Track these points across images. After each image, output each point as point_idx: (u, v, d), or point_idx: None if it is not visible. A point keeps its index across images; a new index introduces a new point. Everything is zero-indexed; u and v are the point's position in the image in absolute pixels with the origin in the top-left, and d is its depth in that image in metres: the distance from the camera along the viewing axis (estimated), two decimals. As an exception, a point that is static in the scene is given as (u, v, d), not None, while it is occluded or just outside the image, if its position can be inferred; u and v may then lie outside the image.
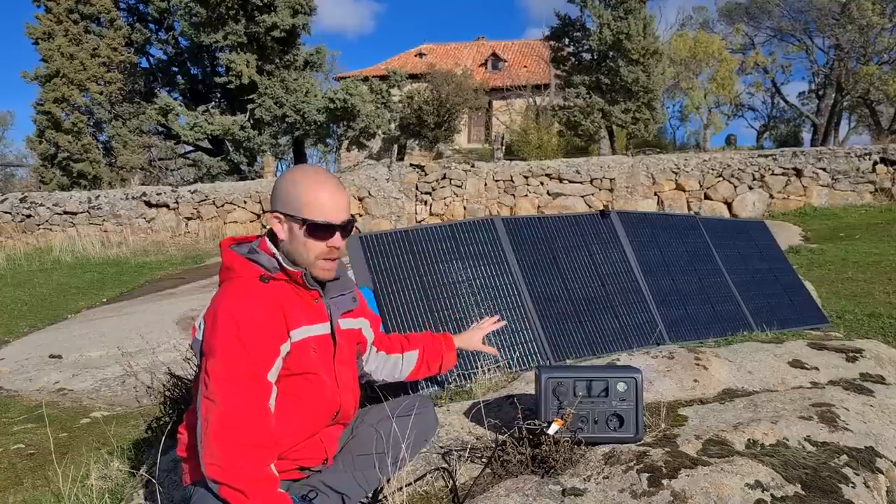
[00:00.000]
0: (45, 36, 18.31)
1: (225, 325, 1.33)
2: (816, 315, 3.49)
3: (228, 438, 1.26)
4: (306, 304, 1.47)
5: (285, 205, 1.44)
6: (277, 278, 1.43)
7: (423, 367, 1.82)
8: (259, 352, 1.34)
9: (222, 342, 1.32)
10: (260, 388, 1.33)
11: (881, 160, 12.97)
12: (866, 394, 2.03)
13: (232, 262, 1.46)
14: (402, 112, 22.15)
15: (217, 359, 1.32)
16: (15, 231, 12.89)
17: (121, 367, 4.69)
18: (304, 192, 1.43)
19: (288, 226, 1.45)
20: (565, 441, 1.57)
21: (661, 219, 3.42)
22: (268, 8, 17.25)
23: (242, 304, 1.36)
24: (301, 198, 1.42)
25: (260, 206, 13.69)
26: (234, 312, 1.34)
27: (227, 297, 1.38)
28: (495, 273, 2.71)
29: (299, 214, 1.43)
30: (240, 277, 1.42)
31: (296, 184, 1.44)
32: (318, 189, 1.43)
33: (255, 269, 1.43)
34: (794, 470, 1.50)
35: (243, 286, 1.40)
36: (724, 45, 26.05)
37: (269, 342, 1.36)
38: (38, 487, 2.83)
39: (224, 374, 1.30)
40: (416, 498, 1.55)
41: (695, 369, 2.18)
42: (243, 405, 1.29)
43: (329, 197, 1.44)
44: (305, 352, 1.44)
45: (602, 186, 13.62)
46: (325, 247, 1.45)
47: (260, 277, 1.41)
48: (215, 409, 1.28)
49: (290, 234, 1.45)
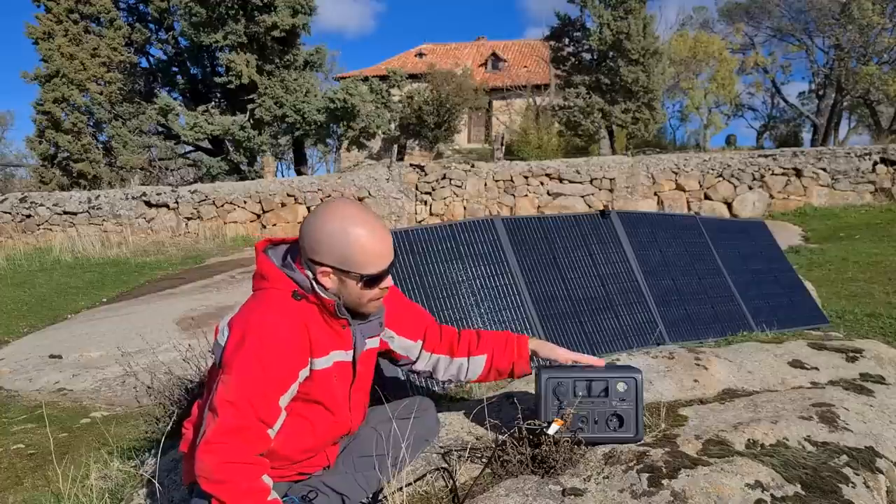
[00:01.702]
0: (45, 36, 18.31)
1: (249, 346, 1.30)
2: (816, 315, 3.50)
3: (219, 454, 1.25)
4: (333, 330, 1.43)
5: (338, 260, 1.36)
6: (309, 299, 1.39)
7: (493, 373, 1.71)
8: (277, 377, 1.31)
9: (242, 362, 1.29)
10: (266, 414, 1.30)
11: (881, 160, 12.97)
12: (866, 394, 2.03)
13: (266, 271, 1.42)
14: (402, 112, 22.15)
15: (233, 377, 1.29)
16: (15, 231, 12.90)
17: (121, 367, 4.69)
18: (358, 246, 1.35)
19: (339, 279, 1.39)
20: (565, 441, 1.57)
21: (661, 219, 3.42)
22: (268, 8, 17.26)
23: (270, 323, 1.32)
24: (356, 253, 1.35)
25: (260, 207, 13.69)
26: (261, 332, 1.31)
27: (256, 313, 1.35)
28: (495, 273, 2.71)
29: (356, 271, 1.36)
30: (272, 291, 1.39)
31: (345, 234, 1.34)
32: (371, 239, 1.36)
33: (289, 283, 1.39)
34: (794, 470, 1.50)
35: (274, 303, 1.36)
36: (724, 45, 26.06)
37: (290, 367, 1.33)
38: (38, 487, 2.83)
39: (234, 395, 1.28)
40: (416, 498, 1.55)
41: (695, 369, 2.18)
42: (243, 428, 1.27)
43: (381, 243, 1.37)
44: (326, 380, 1.41)
45: (602, 186, 13.63)
46: (378, 290, 1.42)
47: (293, 294, 1.37)
48: (214, 424, 1.27)
49: (341, 286, 1.39)
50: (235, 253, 11.69)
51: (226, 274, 9.51)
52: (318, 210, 1.41)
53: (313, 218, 1.39)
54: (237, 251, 11.91)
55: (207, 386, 1.50)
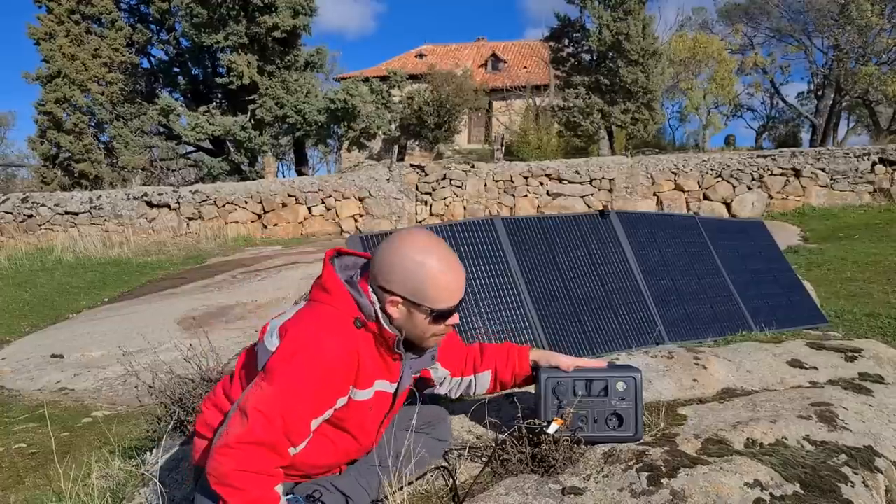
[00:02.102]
0: (47, 36, 18.32)
1: (298, 362, 1.27)
2: (815, 315, 3.50)
3: (237, 462, 1.23)
4: (384, 361, 1.40)
5: (410, 292, 1.33)
6: (369, 328, 1.35)
7: (498, 386, 1.73)
8: (316, 400, 1.29)
9: (287, 377, 1.26)
10: (295, 434, 1.29)
11: (880, 160, 12.98)
12: (865, 393, 2.04)
13: (332, 286, 1.37)
14: (403, 113, 22.15)
15: (273, 388, 1.26)
16: (17, 231, 12.91)
17: (122, 366, 4.70)
18: (433, 279, 1.32)
19: (408, 310, 1.36)
20: (565, 440, 1.58)
21: (661, 219, 3.42)
22: (268, 9, 17.27)
23: (327, 346, 1.29)
24: (430, 287, 1.32)
25: (261, 207, 13.71)
26: (313, 353, 1.27)
27: (312, 330, 1.31)
28: (495, 273, 2.72)
29: (426, 304, 1.34)
30: (334, 311, 1.34)
31: (422, 267, 1.32)
32: (447, 275, 1.33)
33: (352, 306, 1.34)
34: (793, 469, 1.50)
35: (333, 325, 1.32)
36: (723, 45, 26.05)
37: (331, 393, 1.31)
38: (39, 487, 2.84)
39: (269, 406, 1.25)
40: (416, 497, 1.55)
41: (694, 369, 2.18)
42: (268, 443, 1.25)
43: (455, 279, 1.35)
44: (362, 410, 1.39)
45: (601, 187, 13.63)
46: (444, 327, 1.39)
47: (355, 321, 1.33)
48: (239, 429, 1.24)
49: (408, 317, 1.36)
50: (236, 253, 11.70)
51: (227, 274, 9.51)
52: (395, 237, 1.37)
53: (390, 245, 1.35)
54: (238, 251, 11.92)
55: (239, 374, 1.47)
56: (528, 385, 1.75)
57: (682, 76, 25.12)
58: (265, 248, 12.03)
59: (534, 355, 1.71)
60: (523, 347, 1.74)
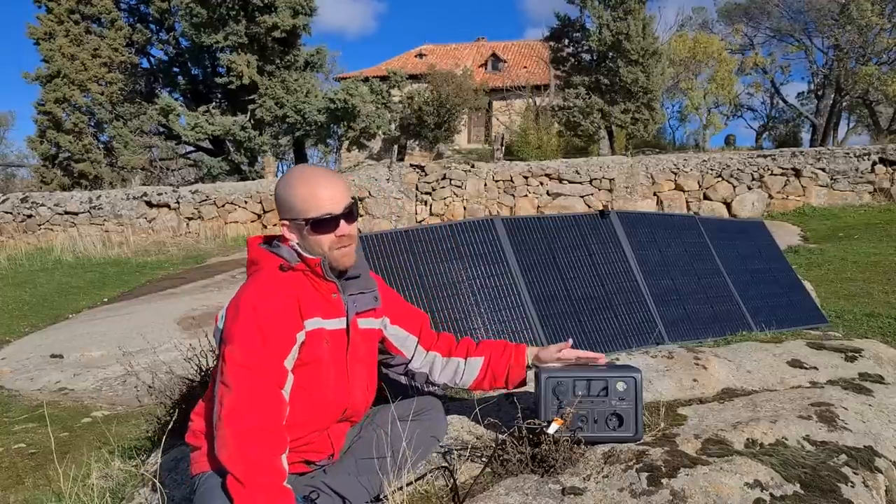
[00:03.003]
0: (47, 36, 18.32)
1: (245, 314, 1.37)
2: (815, 315, 3.50)
3: (239, 422, 1.29)
4: (323, 298, 1.49)
5: (287, 211, 1.49)
6: (297, 269, 1.47)
7: (489, 377, 1.71)
8: (276, 338, 1.37)
9: (241, 329, 1.36)
10: (275, 374, 1.36)
11: (880, 160, 12.98)
12: (865, 393, 2.03)
13: (256, 255, 1.53)
14: (403, 112, 22.15)
15: (235, 345, 1.35)
16: (16, 231, 12.91)
17: (122, 366, 4.70)
18: (299, 193, 1.46)
19: (296, 230, 1.49)
20: (565, 440, 1.58)
21: (661, 219, 3.42)
22: (268, 9, 17.27)
23: (262, 293, 1.41)
24: (297, 199, 1.46)
25: (261, 207, 13.70)
26: (254, 301, 1.39)
27: (248, 288, 1.44)
28: (495, 273, 2.72)
29: (300, 217, 1.46)
30: (262, 269, 1.48)
31: (290, 187, 1.48)
32: (310, 186, 1.47)
33: (277, 259, 1.48)
34: (793, 469, 1.50)
35: (264, 277, 1.45)
36: (723, 45, 26.06)
37: (286, 329, 1.40)
38: (39, 487, 2.84)
39: (241, 359, 1.33)
40: (416, 497, 1.55)
41: (694, 369, 2.18)
42: (257, 390, 1.32)
43: (323, 190, 1.47)
44: (318, 342, 1.46)
45: (601, 187, 13.63)
46: (333, 237, 1.48)
47: (280, 267, 1.46)
48: (229, 394, 1.31)
49: (300, 237, 1.50)
50: (236, 253, 11.70)
51: (227, 274, 9.51)
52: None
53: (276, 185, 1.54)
54: (238, 251, 11.91)
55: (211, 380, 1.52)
56: (525, 386, 1.75)
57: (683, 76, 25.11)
58: (265, 248, 12.00)
59: (533, 351, 1.71)
60: (521, 344, 1.75)
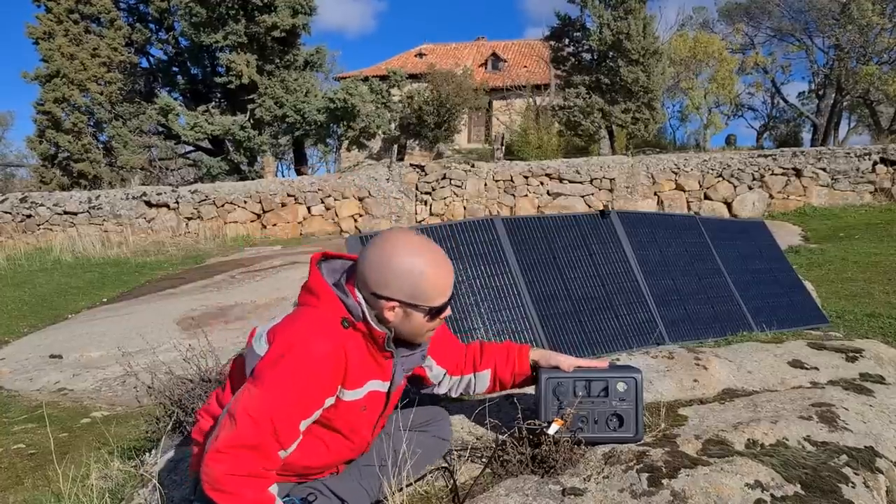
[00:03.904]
0: (46, 36, 18.31)
1: (285, 365, 1.27)
2: (816, 315, 3.50)
3: (228, 465, 1.23)
4: (375, 361, 1.40)
5: (408, 295, 1.35)
6: (358, 328, 1.35)
7: (497, 385, 1.72)
8: (304, 402, 1.29)
9: (275, 380, 1.27)
10: (284, 436, 1.28)
11: (881, 160, 12.97)
12: (866, 394, 2.03)
13: (318, 288, 1.38)
14: (403, 112, 22.15)
15: (261, 391, 1.26)
16: (15, 231, 12.90)
17: (121, 366, 4.69)
18: (428, 280, 1.34)
19: (405, 312, 1.37)
20: (565, 441, 1.57)
21: (661, 219, 3.42)
22: (268, 8, 17.26)
23: (311, 348, 1.29)
24: (427, 287, 1.35)
25: (260, 206, 13.70)
26: (300, 355, 1.28)
27: (300, 333, 1.31)
28: (495, 273, 2.71)
29: (425, 304, 1.36)
30: (321, 312, 1.35)
31: (415, 269, 1.34)
32: (439, 272, 1.36)
33: (340, 308, 1.35)
34: (793, 470, 1.50)
35: (320, 326, 1.32)
36: (723, 45, 26.03)
37: (320, 394, 1.31)
38: (38, 487, 2.83)
39: (257, 412, 1.25)
40: (416, 497, 1.55)
41: (694, 369, 2.18)
42: (257, 446, 1.25)
43: (447, 274, 1.38)
44: (353, 410, 1.39)
45: (602, 186, 13.63)
46: (439, 321, 1.41)
47: (342, 321, 1.33)
48: (229, 433, 1.25)
49: (405, 319, 1.38)
50: (236, 253, 11.69)
51: (226, 274, 9.51)
52: (382, 242, 1.37)
53: (378, 252, 1.35)
54: (237, 251, 11.91)
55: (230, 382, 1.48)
56: (528, 386, 1.74)
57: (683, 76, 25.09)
58: (264, 248, 12.02)
59: (534, 355, 1.70)
60: (523, 346, 1.73)
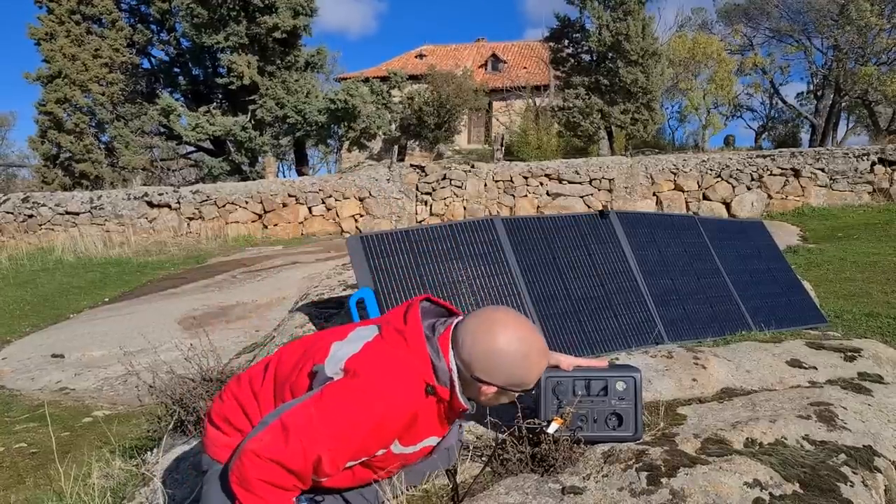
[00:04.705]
0: (47, 37, 18.32)
1: (359, 408, 1.24)
2: (814, 315, 3.51)
3: (263, 473, 1.23)
4: (440, 423, 1.41)
5: (506, 381, 1.36)
6: (440, 396, 1.34)
7: None
8: (361, 448, 1.29)
9: (344, 414, 1.24)
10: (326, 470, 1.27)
11: (879, 160, 12.98)
12: (864, 393, 2.04)
13: (412, 336, 1.34)
14: (403, 113, 22.14)
15: (325, 420, 1.24)
16: (17, 231, 12.91)
17: (123, 366, 4.70)
18: (528, 369, 1.37)
19: (500, 392, 1.39)
20: (565, 440, 1.58)
21: (660, 219, 3.43)
22: (269, 9, 17.27)
23: (389, 401, 1.26)
24: (526, 375, 1.37)
25: (261, 207, 13.71)
26: (376, 404, 1.25)
27: (384, 380, 1.27)
28: (495, 273, 2.72)
29: (522, 389, 1.39)
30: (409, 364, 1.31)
31: (523, 361, 1.35)
32: (538, 359, 1.39)
33: (428, 368, 1.32)
34: (792, 469, 1.51)
35: (406, 383, 1.29)
36: (722, 46, 26.02)
37: (376, 446, 1.31)
38: (40, 486, 2.84)
39: (314, 435, 1.23)
40: (416, 496, 1.56)
41: (693, 368, 2.19)
42: (297, 469, 1.24)
43: (543, 359, 1.41)
44: (398, 459, 1.41)
45: (601, 187, 13.64)
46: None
47: (427, 388, 1.31)
48: (275, 445, 1.23)
49: (496, 398, 1.41)
50: (237, 253, 11.70)
51: (227, 274, 9.52)
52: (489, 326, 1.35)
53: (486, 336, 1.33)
54: (239, 251, 11.92)
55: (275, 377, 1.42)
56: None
57: (682, 76, 25.10)
58: (266, 248, 12.03)
59: None
60: None
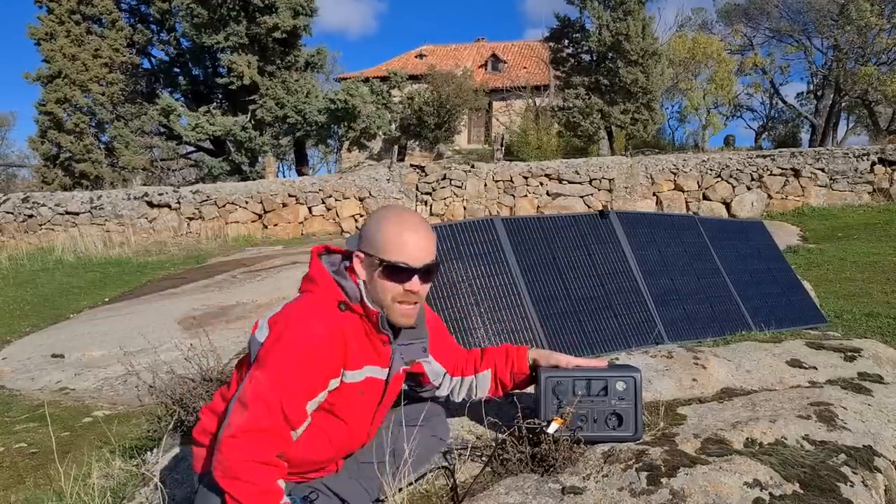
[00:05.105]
0: (47, 37, 18.32)
1: (288, 345, 1.32)
2: (814, 315, 3.51)
3: (242, 451, 1.27)
4: (372, 346, 1.44)
5: (368, 243, 1.42)
6: (354, 310, 1.41)
7: (498, 386, 1.74)
8: (308, 381, 1.33)
9: (278, 361, 1.32)
10: (294, 417, 1.33)
11: (879, 160, 12.98)
12: (864, 393, 2.04)
13: (318, 276, 1.44)
14: (403, 113, 22.14)
15: (266, 374, 1.31)
16: (17, 231, 12.91)
17: (122, 366, 4.70)
18: (387, 231, 1.40)
19: (368, 267, 1.42)
20: (565, 440, 1.58)
21: (660, 219, 3.43)
22: (269, 9, 17.27)
23: (312, 328, 1.34)
24: (382, 238, 1.40)
25: (261, 207, 13.71)
26: (302, 335, 1.33)
27: (300, 315, 1.37)
28: (495, 273, 2.72)
29: (377, 255, 1.40)
30: (320, 296, 1.41)
31: (381, 222, 1.42)
32: (400, 228, 1.40)
33: (338, 292, 1.41)
34: (792, 469, 1.51)
35: (319, 308, 1.38)
36: (722, 46, 26.02)
37: (322, 374, 1.35)
38: (40, 486, 2.84)
39: (266, 392, 1.30)
40: (416, 496, 1.56)
41: (693, 368, 2.19)
42: (269, 428, 1.29)
43: (410, 236, 1.40)
44: (352, 394, 1.43)
45: (601, 187, 13.64)
46: (401, 289, 1.41)
47: (339, 304, 1.39)
48: (241, 418, 1.29)
49: (368, 274, 1.43)
50: (237, 253, 11.70)
51: (227, 274, 9.51)
52: (378, 213, 1.47)
53: (373, 217, 1.46)
54: (239, 251, 11.92)
55: (235, 377, 1.51)
56: (529, 387, 1.75)
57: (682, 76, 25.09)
58: (266, 248, 12.03)
59: (533, 354, 1.71)
60: (521, 347, 1.75)
